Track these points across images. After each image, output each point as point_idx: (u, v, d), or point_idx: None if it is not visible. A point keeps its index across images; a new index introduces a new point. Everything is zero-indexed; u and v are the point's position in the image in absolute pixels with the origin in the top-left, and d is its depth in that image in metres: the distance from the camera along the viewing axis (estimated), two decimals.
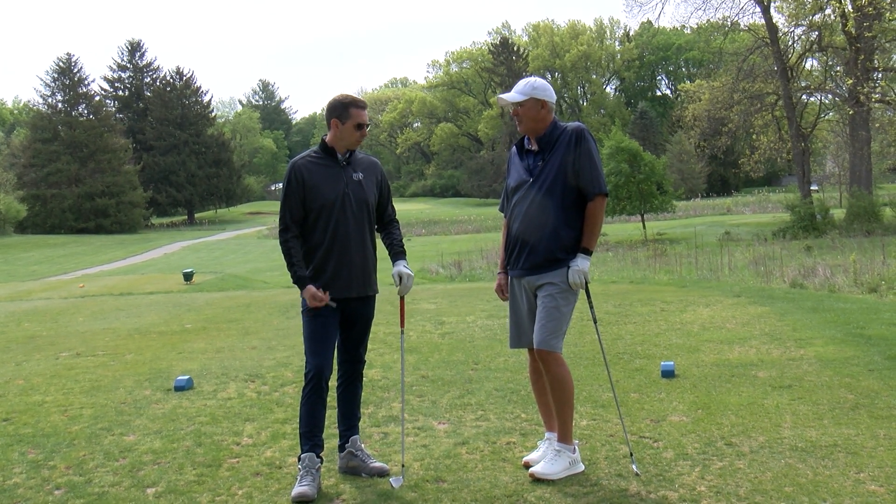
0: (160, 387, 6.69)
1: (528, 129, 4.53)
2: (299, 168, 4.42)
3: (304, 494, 4.14)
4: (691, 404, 5.49)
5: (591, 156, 4.40)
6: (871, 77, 36.21)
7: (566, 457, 4.31)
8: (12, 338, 9.93)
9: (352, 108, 4.47)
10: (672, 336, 7.98)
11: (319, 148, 4.55)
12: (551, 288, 4.42)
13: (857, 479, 4.08)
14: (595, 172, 4.39)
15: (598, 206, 4.43)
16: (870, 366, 6.33)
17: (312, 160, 4.49)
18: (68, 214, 66.89)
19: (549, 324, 4.39)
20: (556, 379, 4.40)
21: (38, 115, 71.39)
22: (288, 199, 4.42)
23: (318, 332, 4.49)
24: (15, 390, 6.82)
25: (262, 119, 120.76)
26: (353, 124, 4.47)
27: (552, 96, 4.54)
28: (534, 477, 4.26)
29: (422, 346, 8.13)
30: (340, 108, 4.47)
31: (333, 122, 4.48)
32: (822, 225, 34.54)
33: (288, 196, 4.42)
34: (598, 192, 4.40)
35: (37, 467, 4.79)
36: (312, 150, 4.58)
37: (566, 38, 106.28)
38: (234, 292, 15.94)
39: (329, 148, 4.52)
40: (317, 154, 4.52)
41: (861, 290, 14.04)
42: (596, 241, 4.48)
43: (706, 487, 4.04)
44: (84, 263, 42.23)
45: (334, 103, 4.51)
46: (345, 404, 4.65)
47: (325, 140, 4.53)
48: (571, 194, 4.41)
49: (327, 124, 4.53)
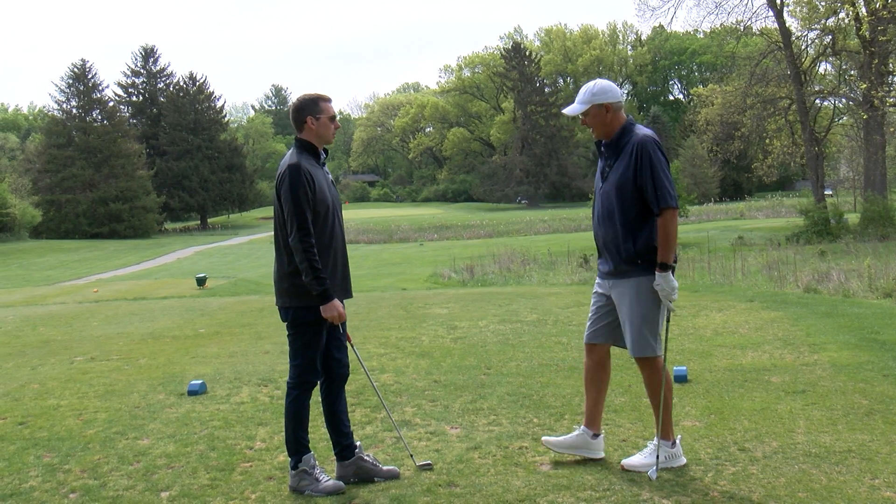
0: (174, 391, 6.72)
1: (600, 135, 4.52)
2: (307, 170, 4.32)
3: (340, 486, 4.38)
4: (704, 409, 5.48)
5: (654, 170, 4.31)
6: (885, 81, 36.02)
7: (663, 451, 4.39)
8: (28, 342, 9.99)
9: (321, 103, 4.44)
10: (685, 341, 7.96)
11: (302, 149, 4.43)
12: (622, 297, 4.50)
13: (871, 485, 4.06)
14: (660, 187, 4.30)
15: (666, 220, 4.32)
16: (884, 371, 6.30)
17: (306, 161, 4.40)
18: (82, 219, 67.30)
19: (631, 333, 4.48)
20: (648, 382, 4.55)
21: (52, 120, 71.95)
22: (305, 203, 4.26)
23: (319, 345, 4.45)
24: (30, 394, 6.86)
25: (274, 124, 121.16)
26: (327, 118, 4.44)
27: (614, 96, 4.46)
28: (624, 468, 4.41)
29: (434, 350, 8.13)
30: (311, 105, 4.43)
31: (308, 121, 4.41)
32: (836, 229, 34.38)
33: (305, 199, 4.26)
34: (665, 206, 4.31)
35: (52, 471, 4.81)
36: (295, 152, 4.41)
37: (578, 43, 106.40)
38: (247, 297, 16.00)
39: (313, 147, 4.46)
40: (304, 156, 4.42)
41: (876, 294, 13.95)
42: (671, 254, 4.34)
43: (719, 493, 4.03)
44: (98, 268, 42.43)
45: (304, 101, 4.45)
46: (342, 412, 4.62)
47: (305, 140, 4.44)
48: (636, 206, 4.38)
49: (299, 126, 4.44)
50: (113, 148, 69.34)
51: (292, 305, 4.40)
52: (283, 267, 4.41)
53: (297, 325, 4.41)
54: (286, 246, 4.36)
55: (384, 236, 56.64)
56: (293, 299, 4.38)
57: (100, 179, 68.15)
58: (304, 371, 4.44)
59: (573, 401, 5.83)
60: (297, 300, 4.37)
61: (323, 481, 4.36)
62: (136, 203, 69.22)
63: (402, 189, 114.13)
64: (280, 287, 4.45)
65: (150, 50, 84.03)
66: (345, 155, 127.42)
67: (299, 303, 4.37)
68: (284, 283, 4.41)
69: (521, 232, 56.97)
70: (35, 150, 73.06)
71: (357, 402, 6.07)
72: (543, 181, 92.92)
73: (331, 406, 4.59)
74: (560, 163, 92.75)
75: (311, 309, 4.34)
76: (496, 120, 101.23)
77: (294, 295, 4.38)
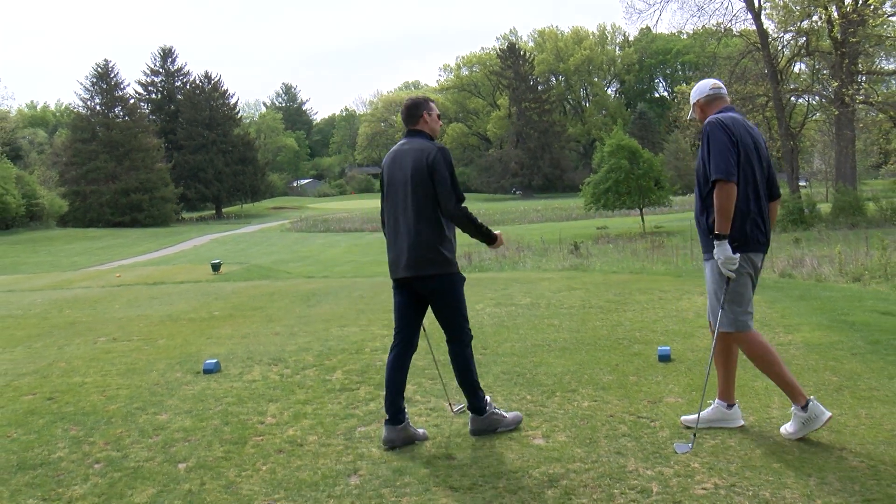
0: (190, 369, 6.72)
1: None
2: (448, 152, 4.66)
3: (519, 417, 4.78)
4: (686, 386, 5.48)
5: (709, 147, 4.33)
6: (855, 80, 36.05)
7: (798, 417, 4.30)
8: (55, 323, 9.99)
9: (431, 102, 4.81)
10: (668, 323, 7.96)
11: (419, 138, 4.70)
12: (708, 274, 4.50)
13: (839, 455, 4.07)
14: (712, 161, 4.29)
15: (717, 192, 4.24)
16: (853, 350, 6.31)
17: None
18: (106, 209, 67.36)
19: (715, 308, 4.45)
20: (749, 357, 4.48)
21: (78, 116, 71.86)
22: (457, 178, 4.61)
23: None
24: (57, 372, 6.87)
25: (284, 120, 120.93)
26: (436, 114, 4.80)
27: (699, 93, 4.66)
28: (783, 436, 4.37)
29: (434, 332, 8.10)
30: (425, 103, 4.77)
31: (424, 115, 4.72)
32: (809, 218, 34.39)
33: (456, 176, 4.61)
34: (714, 178, 4.26)
35: (78, 443, 4.82)
36: (420, 140, 4.70)
37: (570, 44, 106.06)
38: (259, 282, 15.98)
39: (428, 137, 4.74)
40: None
41: (846, 279, 13.96)
42: (725, 225, 4.24)
43: (699, 464, 4.03)
44: (120, 255, 42.48)
45: (419, 100, 4.77)
46: (405, 380, 4.80)
47: (420, 129, 4.72)
48: (708, 183, 4.38)
49: (415, 120, 4.73)
50: (134, 142, 69.31)
51: (446, 272, 4.61)
52: (435, 238, 4.56)
53: (456, 287, 4.68)
54: (436, 218, 4.55)
55: None
56: (446, 266, 4.60)
57: (122, 172, 68.12)
58: (467, 324, 4.77)
59: (564, 379, 5.83)
60: (451, 267, 4.62)
61: (508, 415, 4.73)
62: (155, 194, 69.22)
63: None
64: (427, 257, 4.57)
65: (168, 51, 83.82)
66: (350, 149, 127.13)
67: (452, 269, 4.63)
68: (432, 253, 4.57)
69: (516, 221, 56.95)
70: (62, 144, 73.00)
71: (361, 381, 6.07)
72: (537, 173, 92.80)
73: (402, 371, 4.71)
74: (552, 156, 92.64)
75: (458, 274, 4.69)
76: (492, 116, 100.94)
77: (447, 262, 4.59)
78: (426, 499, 3.78)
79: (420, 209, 4.54)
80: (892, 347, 6.31)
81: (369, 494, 3.86)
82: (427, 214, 4.53)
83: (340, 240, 47.66)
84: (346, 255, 37.33)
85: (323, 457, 4.41)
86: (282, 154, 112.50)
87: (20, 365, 7.26)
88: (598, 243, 31.41)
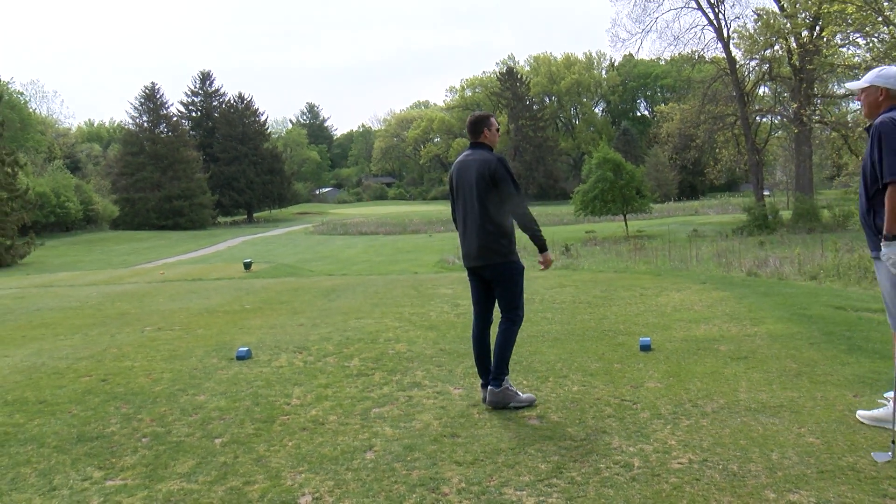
0: (224, 356, 6.73)
1: (866, 114, 4.01)
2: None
3: (532, 398, 4.79)
4: (664, 373, 5.47)
5: (881, 147, 3.74)
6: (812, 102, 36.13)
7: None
8: (107, 315, 10.02)
9: (492, 118, 4.88)
10: (649, 316, 7.94)
11: (488, 151, 4.79)
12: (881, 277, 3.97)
13: (798, 433, 4.06)
14: (886, 161, 3.70)
15: (890, 194, 3.68)
16: (811, 340, 6.28)
17: None
18: (151, 214, 67.47)
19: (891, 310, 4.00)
20: None
21: (128, 132, 71.96)
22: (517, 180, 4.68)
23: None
24: (110, 357, 6.88)
25: (308, 135, 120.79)
26: (496, 128, 4.87)
27: (889, 81, 3.89)
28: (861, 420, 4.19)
29: (440, 324, 8.13)
30: (487, 119, 4.85)
31: (485, 131, 4.82)
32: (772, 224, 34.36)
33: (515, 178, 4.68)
34: (888, 180, 3.69)
35: (128, 419, 4.84)
36: (483, 151, 4.78)
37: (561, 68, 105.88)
38: (286, 279, 15.99)
39: (489, 149, 4.84)
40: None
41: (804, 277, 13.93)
42: (894, 225, 3.69)
43: (676, 441, 4.03)
44: (164, 254, 42.54)
45: (482, 116, 4.85)
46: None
47: (482, 142, 4.83)
48: (876, 183, 3.84)
49: (478, 134, 4.82)
50: (176, 155, 69.36)
51: (506, 261, 4.74)
52: (497, 233, 4.70)
53: (517, 274, 4.77)
54: (497, 217, 4.68)
55: (399, 228, 56.54)
56: (505, 256, 4.74)
57: (165, 181, 68.20)
58: (522, 308, 4.83)
59: (556, 366, 5.82)
60: (513, 255, 4.76)
61: (522, 394, 4.76)
62: (194, 200, 69.24)
63: (415, 189, 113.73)
64: (490, 248, 4.72)
65: (207, 74, 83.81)
66: (366, 161, 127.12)
67: (514, 258, 4.77)
68: (494, 245, 4.71)
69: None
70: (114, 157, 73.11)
71: (376, 367, 6.07)
72: (532, 183, 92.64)
73: (484, 342, 4.92)
74: (546, 168, 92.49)
75: (517, 263, 4.79)
76: None
77: (507, 253, 4.73)
78: (433, 472, 3.78)
79: (484, 210, 4.70)
80: (844, 338, 6.29)
81: (383, 468, 3.86)
82: (489, 214, 4.68)
83: (357, 241, 47.62)
84: (363, 255, 37.32)
85: (342, 434, 4.41)
86: (306, 165, 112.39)
87: (78, 350, 7.28)
88: (587, 245, 31.37)
